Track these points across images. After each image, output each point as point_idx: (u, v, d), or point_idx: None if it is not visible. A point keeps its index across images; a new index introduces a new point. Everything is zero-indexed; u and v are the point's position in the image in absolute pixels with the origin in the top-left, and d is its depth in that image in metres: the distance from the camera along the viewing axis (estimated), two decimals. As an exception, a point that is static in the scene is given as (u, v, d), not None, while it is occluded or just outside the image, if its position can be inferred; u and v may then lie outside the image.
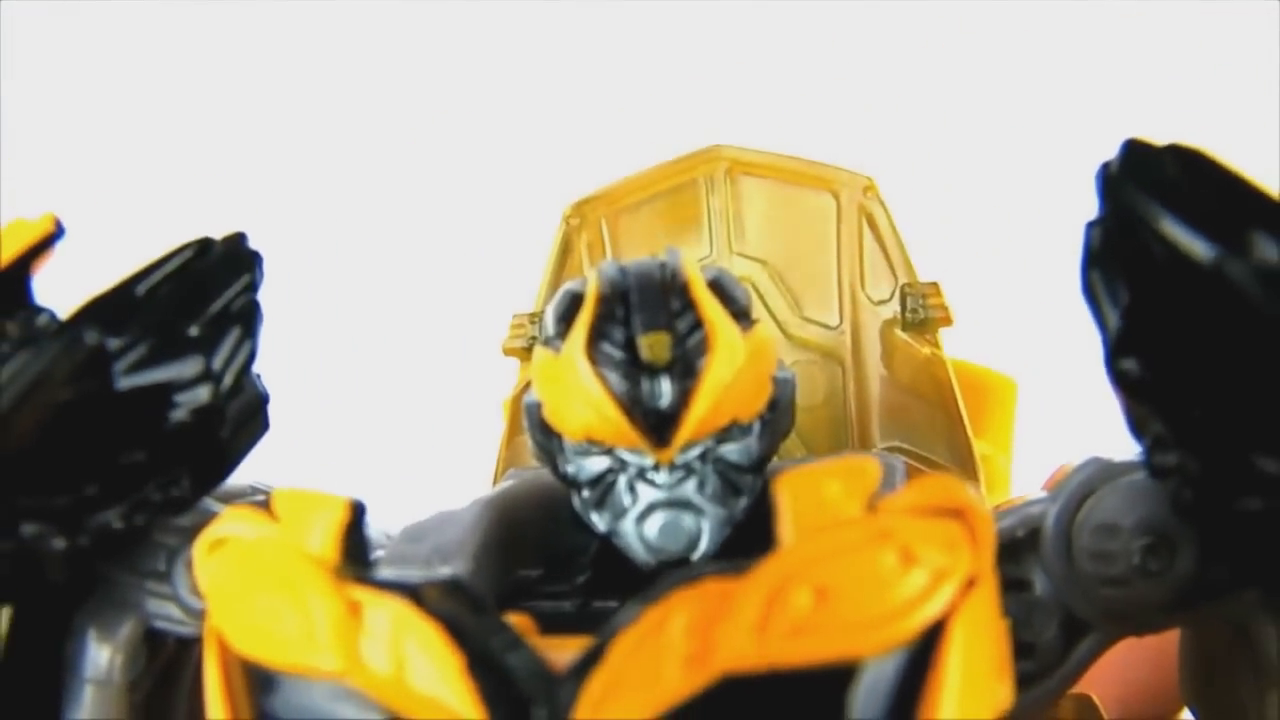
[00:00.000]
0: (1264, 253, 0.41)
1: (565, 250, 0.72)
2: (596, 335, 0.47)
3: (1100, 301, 0.42)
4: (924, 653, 0.36)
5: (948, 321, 0.66)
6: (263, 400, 0.55)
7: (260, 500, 0.57)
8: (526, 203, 0.73)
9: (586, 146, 0.96)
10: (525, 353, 0.71)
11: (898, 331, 0.67)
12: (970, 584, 0.37)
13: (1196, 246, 0.41)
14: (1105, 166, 0.44)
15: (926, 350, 0.66)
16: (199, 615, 0.53)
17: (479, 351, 0.75)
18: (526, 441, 0.71)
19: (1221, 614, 0.45)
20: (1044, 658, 0.48)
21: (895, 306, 0.67)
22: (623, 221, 0.71)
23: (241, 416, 0.53)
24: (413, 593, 0.39)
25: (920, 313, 0.66)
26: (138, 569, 0.54)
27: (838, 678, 0.35)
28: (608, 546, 0.52)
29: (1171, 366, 0.41)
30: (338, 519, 0.41)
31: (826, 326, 0.68)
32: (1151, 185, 0.43)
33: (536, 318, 0.71)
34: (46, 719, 0.55)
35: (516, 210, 0.74)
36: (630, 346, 0.46)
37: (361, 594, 0.39)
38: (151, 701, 0.58)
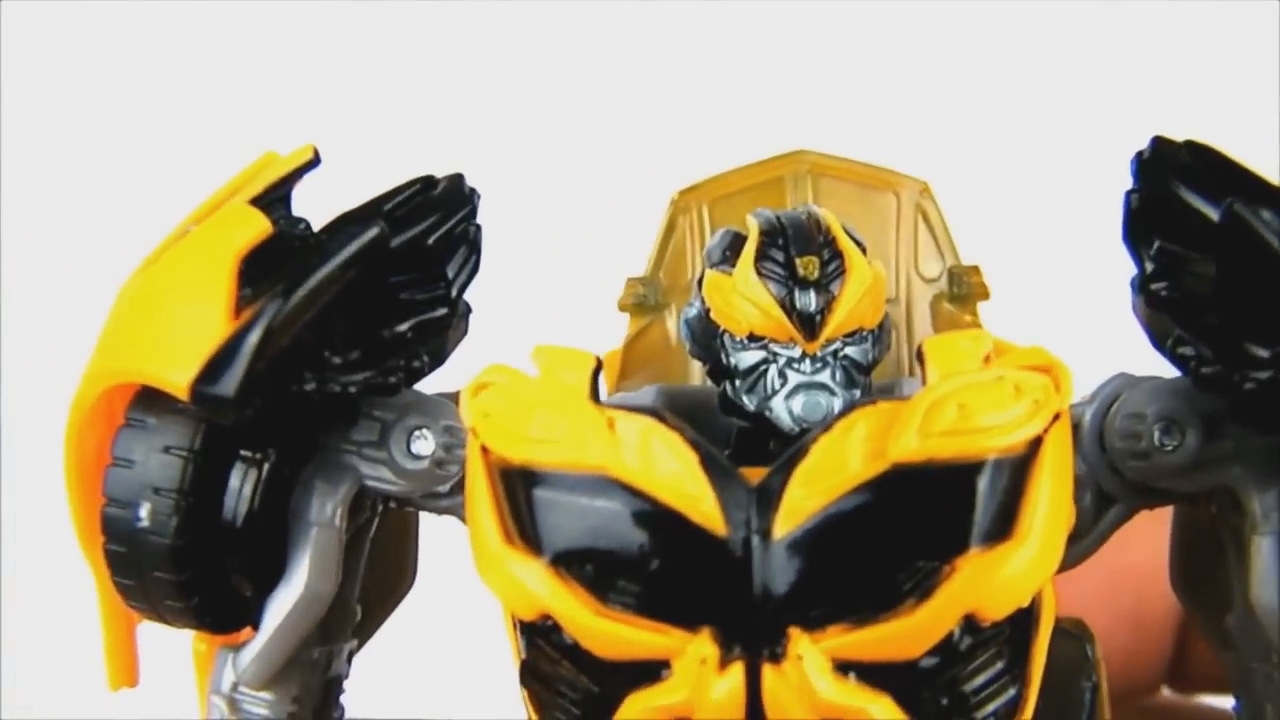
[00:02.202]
0: None
1: (671, 227, 0.87)
2: (760, 258, 0.62)
3: (1138, 244, 0.59)
4: (1027, 464, 0.51)
5: (986, 296, 0.83)
6: (469, 310, 0.68)
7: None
8: (640, 188, 0.88)
9: (693, 146, 1.13)
10: (636, 309, 0.86)
11: (945, 304, 0.83)
12: (1057, 417, 0.52)
13: (1204, 206, 0.58)
14: (1139, 154, 0.61)
15: (968, 319, 0.82)
16: (409, 475, 0.66)
17: (585, 311, 0.89)
18: (631, 386, 0.85)
19: (1216, 482, 0.60)
20: (1080, 523, 0.63)
21: (943, 284, 0.83)
22: (719, 207, 0.87)
23: (459, 317, 0.66)
24: (654, 413, 0.53)
25: (963, 289, 0.83)
26: (354, 440, 0.66)
27: (972, 469, 0.50)
28: (744, 433, 0.66)
29: (1188, 287, 0.57)
30: (588, 366, 0.55)
31: (886, 299, 0.84)
32: (1171, 166, 0.60)
33: (648, 280, 0.86)
34: (275, 557, 0.67)
35: (631, 193, 0.89)
36: (787, 267, 0.61)
37: (614, 414, 0.53)
38: (346, 553, 0.70)
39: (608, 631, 0.51)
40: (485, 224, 0.68)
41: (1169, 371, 0.62)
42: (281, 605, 0.65)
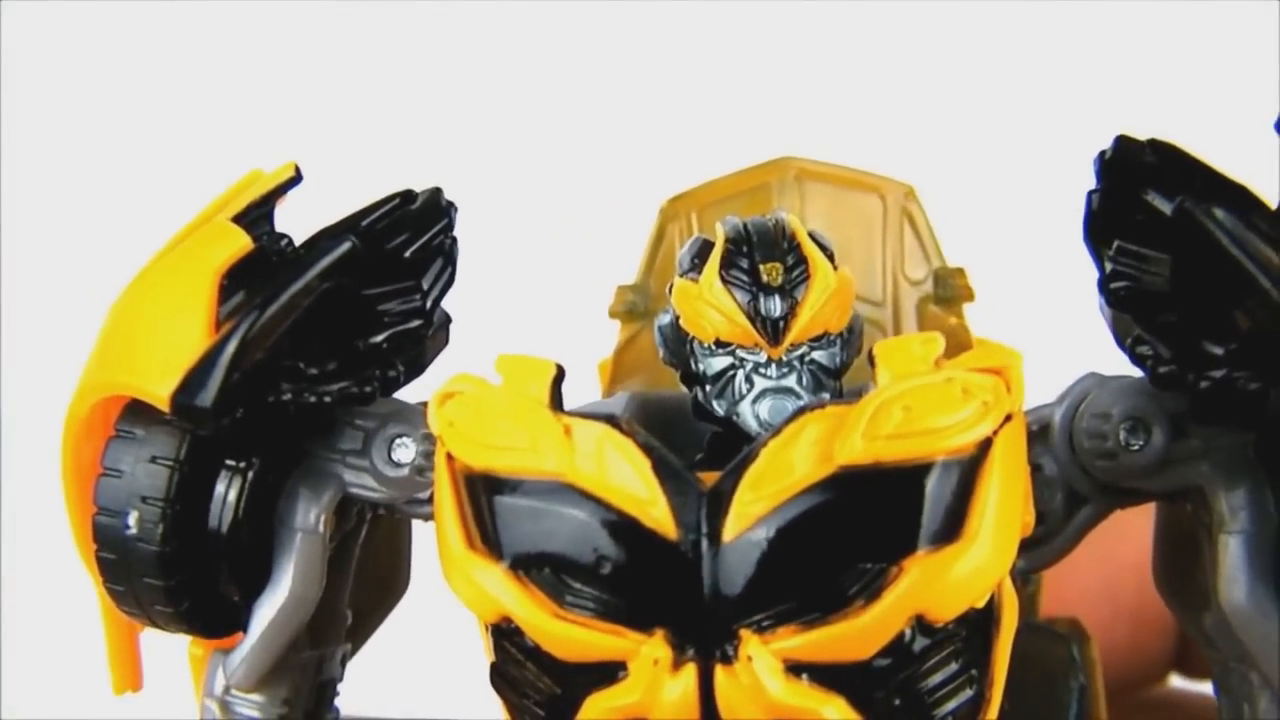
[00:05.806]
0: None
1: (660, 235, 0.88)
2: (725, 266, 0.62)
3: (1098, 244, 0.59)
4: (975, 465, 0.52)
5: (971, 298, 0.83)
6: (448, 320, 0.70)
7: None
8: (641, 189, 0.90)
9: (682, 154, 1.14)
10: (627, 316, 0.87)
11: (931, 306, 0.83)
12: (1008, 418, 0.52)
13: (1163, 205, 0.58)
14: (1102, 153, 0.61)
15: (953, 320, 0.83)
16: (391, 482, 0.67)
17: (575, 321, 0.91)
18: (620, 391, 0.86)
19: (1184, 481, 0.60)
20: (1051, 523, 0.63)
21: (929, 286, 0.84)
22: (707, 214, 0.87)
23: (437, 327, 0.68)
24: (609, 420, 0.54)
25: (949, 291, 0.83)
26: (337, 449, 0.68)
27: (919, 471, 0.51)
28: (717, 437, 0.67)
29: (1147, 286, 0.57)
30: (549, 374, 0.57)
31: (873, 302, 0.84)
32: (1134, 166, 0.60)
33: (638, 288, 0.87)
34: (261, 563, 0.68)
35: (631, 194, 0.91)
36: (751, 274, 0.62)
37: (571, 421, 0.54)
38: (332, 561, 0.72)
39: (565, 634, 0.52)
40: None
41: (1139, 371, 0.62)
42: (268, 610, 0.67)
